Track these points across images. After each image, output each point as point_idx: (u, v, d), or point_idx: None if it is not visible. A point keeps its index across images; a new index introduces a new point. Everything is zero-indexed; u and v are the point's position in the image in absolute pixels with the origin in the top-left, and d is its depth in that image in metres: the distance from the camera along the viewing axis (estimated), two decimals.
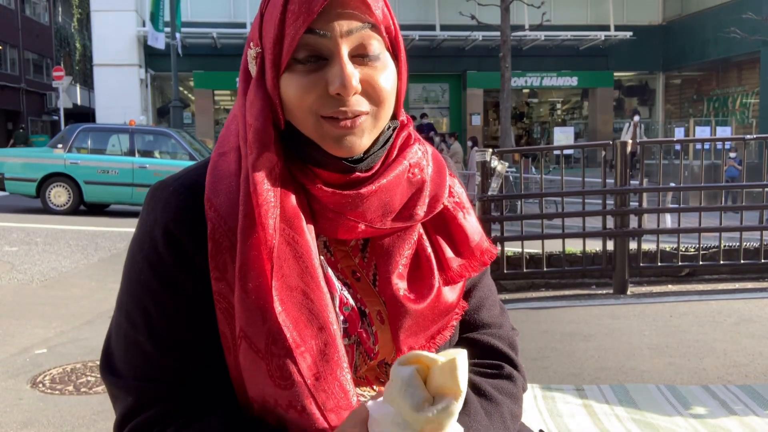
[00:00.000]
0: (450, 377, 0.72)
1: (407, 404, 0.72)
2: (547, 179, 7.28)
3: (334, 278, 0.96)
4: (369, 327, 0.97)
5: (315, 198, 0.92)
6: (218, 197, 0.90)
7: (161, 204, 0.92)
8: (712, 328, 4.54)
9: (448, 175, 1.03)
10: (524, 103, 25.17)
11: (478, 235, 1.04)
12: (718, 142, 11.32)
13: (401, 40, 0.95)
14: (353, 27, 0.87)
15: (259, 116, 0.90)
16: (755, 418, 2.99)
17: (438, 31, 21.34)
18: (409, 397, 0.72)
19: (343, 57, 0.87)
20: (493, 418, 1.00)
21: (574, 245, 6.05)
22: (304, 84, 0.88)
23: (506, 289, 5.86)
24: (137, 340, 0.92)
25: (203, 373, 0.92)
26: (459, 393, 0.72)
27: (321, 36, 0.86)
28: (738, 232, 5.95)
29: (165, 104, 21.63)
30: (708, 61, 21.77)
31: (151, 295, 0.91)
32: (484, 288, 1.12)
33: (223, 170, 0.92)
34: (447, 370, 0.73)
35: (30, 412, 3.34)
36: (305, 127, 0.90)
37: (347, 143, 0.89)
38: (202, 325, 0.91)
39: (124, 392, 0.92)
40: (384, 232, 0.96)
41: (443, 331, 1.01)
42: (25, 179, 12.09)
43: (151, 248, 0.91)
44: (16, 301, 5.74)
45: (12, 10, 34.55)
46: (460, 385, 0.72)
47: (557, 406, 3.17)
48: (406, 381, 0.73)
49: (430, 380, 0.74)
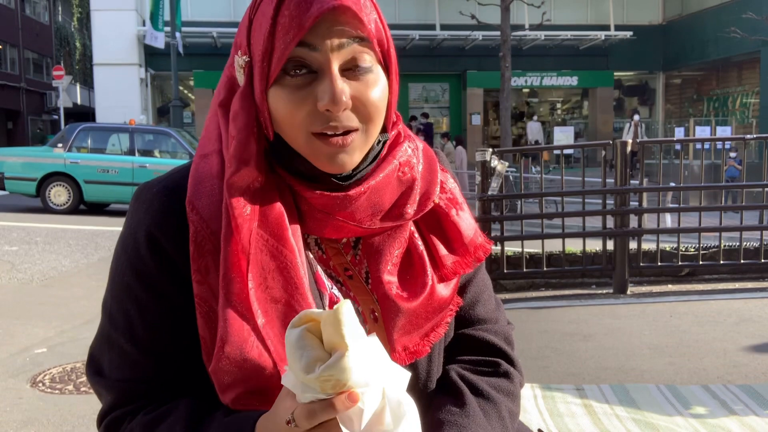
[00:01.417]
0: (335, 331, 0.69)
1: (298, 366, 0.70)
2: (547, 179, 7.28)
3: (324, 277, 0.95)
4: (363, 325, 0.96)
5: (303, 199, 0.91)
6: (200, 200, 0.89)
7: (145, 206, 0.92)
8: (712, 328, 4.54)
9: (439, 170, 1.01)
10: (524, 102, 25.17)
11: (472, 230, 1.03)
12: (718, 142, 11.32)
13: (393, 53, 0.93)
14: (344, 41, 0.85)
15: (243, 129, 0.88)
16: (755, 418, 2.99)
17: (438, 30, 21.33)
18: (298, 358, 0.70)
19: (334, 72, 0.85)
20: (491, 417, 1.00)
21: (574, 245, 6.05)
22: (294, 100, 0.86)
23: (506, 288, 5.86)
24: (119, 342, 0.92)
25: (183, 375, 0.92)
26: (345, 347, 0.69)
27: (311, 49, 0.85)
28: (738, 232, 5.95)
29: (165, 104, 21.62)
30: (708, 61, 21.77)
31: (132, 298, 0.92)
32: (479, 283, 1.11)
33: (204, 172, 0.91)
34: (330, 324, 0.70)
35: (30, 412, 3.34)
36: (296, 142, 0.89)
37: (339, 161, 0.88)
38: (182, 329, 0.91)
39: (106, 390, 0.94)
40: (373, 231, 0.95)
41: (437, 328, 1.00)
42: (25, 178, 12.10)
43: (134, 251, 0.92)
44: (16, 300, 5.74)
45: (12, 9, 34.54)
46: (345, 338, 0.69)
47: (557, 406, 3.17)
48: (295, 343, 0.71)
49: (323, 338, 0.71)
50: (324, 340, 0.71)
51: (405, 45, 21.10)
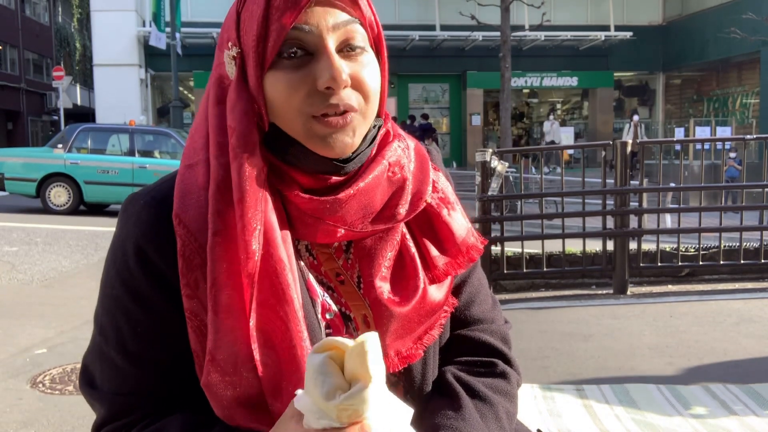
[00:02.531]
0: (360, 362, 0.70)
1: (318, 392, 0.71)
2: (547, 179, 7.28)
3: (315, 284, 0.94)
4: (355, 332, 0.94)
5: (292, 204, 0.89)
6: (187, 212, 0.87)
7: (133, 218, 0.91)
8: (712, 328, 4.54)
9: (431, 169, 1.00)
10: (524, 103, 25.17)
11: (464, 230, 1.01)
12: (718, 142, 11.32)
13: (383, 38, 0.93)
14: (339, 21, 0.86)
15: (243, 119, 0.87)
16: (755, 418, 2.99)
17: (438, 31, 21.34)
18: (319, 385, 0.70)
19: (331, 50, 0.85)
20: (488, 419, 0.98)
21: (574, 245, 6.05)
22: (292, 81, 0.85)
23: (506, 289, 5.86)
24: (110, 354, 0.91)
25: (175, 388, 0.91)
26: (369, 379, 0.70)
27: (306, 32, 0.85)
28: (738, 232, 5.95)
29: (165, 104, 21.64)
30: (708, 62, 21.77)
31: (122, 310, 0.91)
32: (475, 283, 1.09)
33: (190, 184, 0.89)
34: (356, 355, 0.70)
35: (30, 412, 3.34)
36: (293, 127, 0.87)
37: (339, 143, 0.87)
38: (173, 342, 0.89)
39: (99, 403, 0.93)
40: (365, 234, 0.93)
41: (431, 330, 0.99)
42: (25, 179, 12.09)
43: (122, 263, 0.90)
44: (16, 301, 5.74)
45: (12, 10, 34.54)
46: (369, 371, 0.70)
47: (557, 406, 3.17)
48: (317, 368, 0.71)
49: (345, 367, 0.72)
50: (345, 370, 0.71)
51: (405, 45, 21.12)
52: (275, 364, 0.85)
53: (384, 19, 0.94)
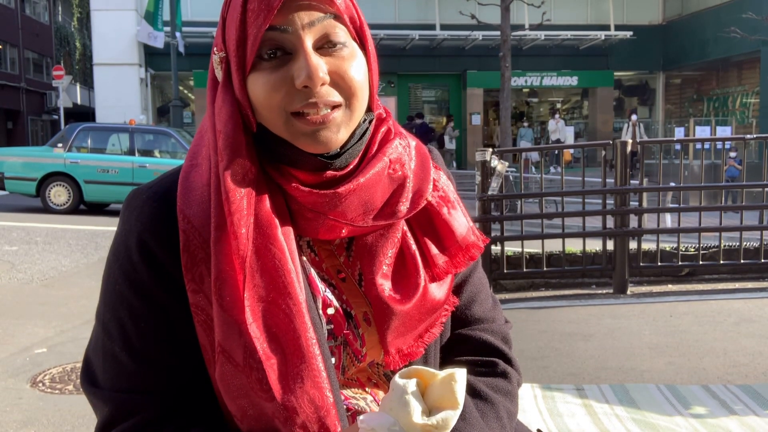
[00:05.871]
0: (449, 391, 0.77)
1: (408, 413, 0.75)
2: (547, 179, 7.28)
3: (317, 279, 0.94)
4: (356, 329, 0.95)
5: (292, 198, 0.90)
6: (191, 208, 0.88)
7: (135, 213, 0.91)
8: (712, 328, 4.54)
9: (432, 168, 1.00)
10: (524, 102, 25.16)
11: (465, 228, 1.01)
12: (718, 142, 11.32)
13: (367, 30, 0.93)
14: (315, 18, 0.86)
15: (228, 121, 0.88)
16: (755, 418, 2.99)
17: (438, 30, 21.32)
18: (410, 406, 0.76)
19: (307, 49, 0.86)
20: (488, 419, 0.99)
21: (574, 245, 6.05)
22: (271, 81, 0.86)
23: (506, 288, 5.86)
24: (113, 351, 0.90)
25: (182, 385, 0.90)
26: (457, 405, 0.77)
27: (282, 31, 0.85)
28: (738, 232, 5.95)
29: (165, 103, 21.62)
30: (708, 61, 21.76)
31: (126, 306, 0.90)
32: (476, 282, 1.09)
33: (195, 180, 0.90)
34: (446, 384, 0.77)
35: (30, 412, 3.34)
36: (276, 126, 0.88)
37: (322, 139, 0.87)
38: (179, 337, 0.89)
39: (102, 402, 0.91)
40: (366, 230, 0.94)
41: (431, 328, 0.99)
42: (25, 178, 12.09)
43: (125, 258, 0.90)
44: (16, 300, 5.74)
45: (12, 9, 34.53)
46: (458, 399, 0.77)
47: (557, 405, 3.17)
48: (410, 390, 0.76)
49: (427, 394, 0.78)
50: (429, 396, 0.78)
51: (405, 45, 21.10)
52: (281, 356, 0.86)
53: (384, 18, 0.93)
